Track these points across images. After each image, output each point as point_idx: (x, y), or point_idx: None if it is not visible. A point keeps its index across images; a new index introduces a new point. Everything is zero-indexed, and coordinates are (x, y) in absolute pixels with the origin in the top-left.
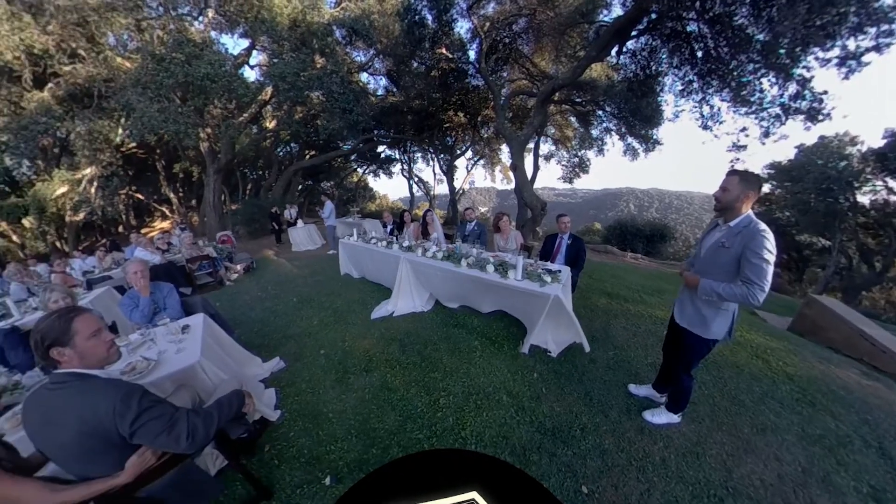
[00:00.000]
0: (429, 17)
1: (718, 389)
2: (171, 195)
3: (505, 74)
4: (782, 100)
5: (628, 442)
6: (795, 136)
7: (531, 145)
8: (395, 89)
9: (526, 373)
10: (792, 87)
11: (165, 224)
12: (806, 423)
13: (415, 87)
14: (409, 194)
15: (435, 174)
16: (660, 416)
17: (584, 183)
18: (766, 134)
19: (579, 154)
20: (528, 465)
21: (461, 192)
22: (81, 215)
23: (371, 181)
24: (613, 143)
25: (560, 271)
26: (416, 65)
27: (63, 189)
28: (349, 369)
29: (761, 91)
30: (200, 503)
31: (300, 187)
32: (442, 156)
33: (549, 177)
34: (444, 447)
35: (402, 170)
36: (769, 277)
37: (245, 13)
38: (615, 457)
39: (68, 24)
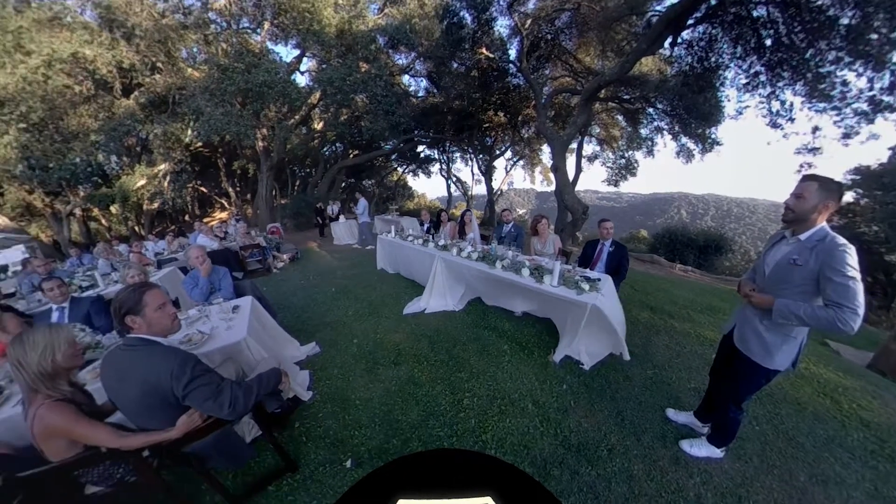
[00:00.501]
0: (467, 17)
1: (773, 427)
2: (230, 189)
3: (547, 72)
4: (871, 93)
5: (660, 471)
6: (888, 135)
7: (574, 146)
8: (435, 90)
9: (555, 383)
10: (885, 79)
11: (224, 215)
12: (881, 480)
13: (455, 87)
14: (446, 194)
15: (473, 174)
16: (699, 448)
17: (630, 186)
18: (849, 134)
19: (626, 155)
20: (547, 479)
21: (499, 193)
22: (156, 204)
23: (410, 180)
24: (665, 144)
25: (599, 279)
26: (455, 65)
27: (142, 182)
28: (379, 360)
29: (844, 84)
30: (235, 465)
31: (343, 185)
32: (481, 156)
33: (592, 179)
34: (464, 448)
35: (441, 170)
36: (861, 298)
37: (297, 24)
38: (644, 485)
39: (151, 43)
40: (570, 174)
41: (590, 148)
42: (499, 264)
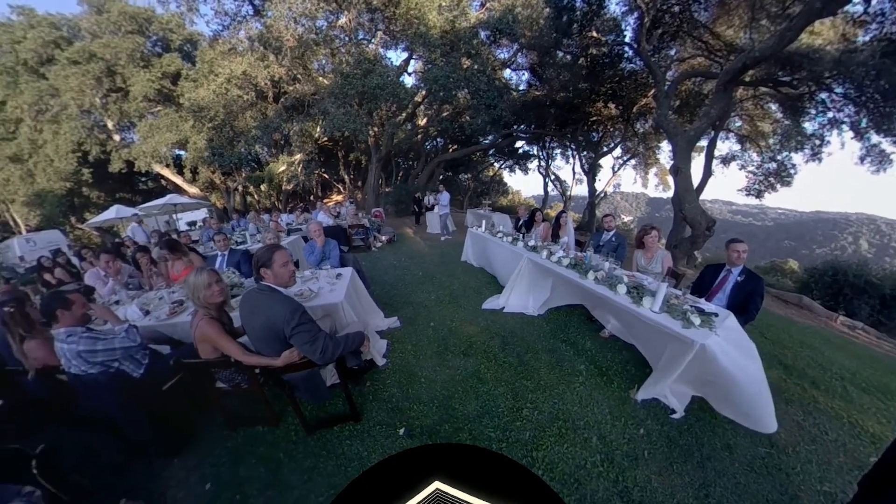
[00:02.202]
0: None
1: None
2: (345, 176)
3: (672, 52)
4: None
5: None
6: None
7: (703, 143)
8: (537, 83)
9: (631, 423)
10: None
11: (339, 197)
12: None
13: (559, 78)
14: (543, 192)
15: (574, 173)
16: None
17: (780, 199)
18: None
19: (778, 158)
20: None
21: (602, 195)
22: (291, 185)
23: (506, 176)
24: (843, 144)
25: (717, 315)
26: (561, 55)
27: (283, 168)
28: (450, 347)
29: None
30: (314, 400)
31: (441, 177)
32: (585, 153)
33: (724, 187)
34: (515, 459)
35: (539, 166)
36: None
37: (406, 30)
38: None
39: (293, 59)
40: (695, 179)
41: (725, 146)
42: (591, 275)
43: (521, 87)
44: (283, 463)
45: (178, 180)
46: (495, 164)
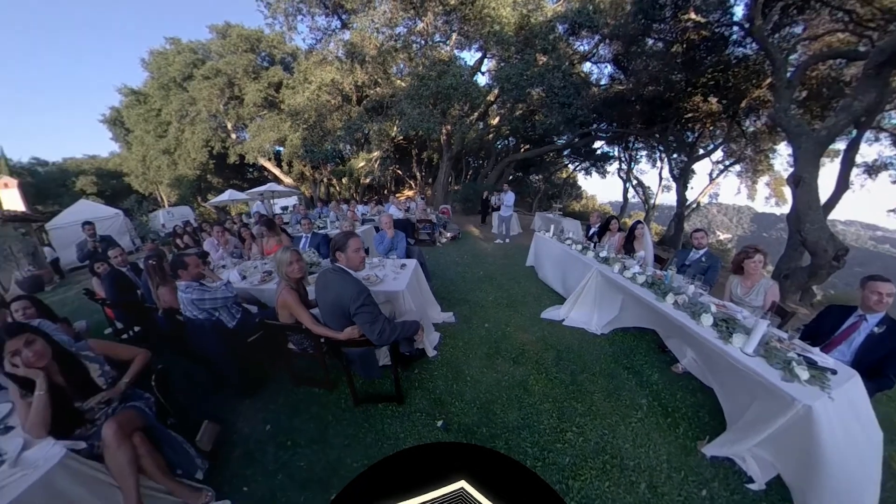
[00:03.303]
0: None
1: None
2: (417, 173)
3: (797, 30)
4: None
5: None
6: None
7: (839, 146)
8: (621, 76)
9: (693, 480)
10: None
11: (410, 193)
12: None
13: (647, 70)
14: (622, 199)
15: (661, 178)
16: None
17: None
18: None
19: None
20: None
21: (694, 206)
22: (368, 180)
23: (581, 179)
24: None
25: (835, 372)
26: (650, 43)
27: (362, 164)
28: (501, 351)
29: None
30: (366, 376)
31: (511, 178)
32: (675, 156)
33: (867, 205)
34: (539, 474)
35: (620, 170)
36: None
37: (479, 30)
38: None
39: (375, 65)
40: (824, 193)
41: (872, 150)
42: (670, 299)
43: (603, 82)
44: (330, 424)
45: (276, 171)
46: (570, 165)
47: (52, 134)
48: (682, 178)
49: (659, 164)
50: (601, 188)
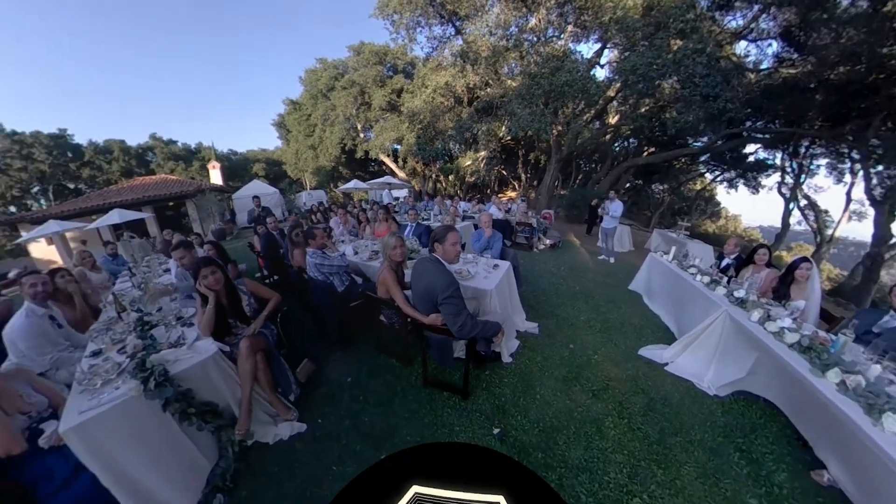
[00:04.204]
0: None
1: None
2: (522, 175)
3: None
4: None
5: None
6: None
7: None
8: (793, 55)
9: None
10: None
11: (512, 194)
12: None
13: (838, 42)
14: (779, 223)
15: (849, 200)
16: None
17: None
18: None
19: None
20: None
21: None
22: (472, 178)
23: (721, 193)
24: None
25: None
26: (845, 3)
27: (468, 162)
28: (581, 380)
29: None
30: (439, 363)
31: (627, 185)
32: (881, 168)
33: None
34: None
35: (781, 184)
36: None
37: (598, 18)
38: None
39: (487, 67)
40: None
41: None
42: (834, 376)
43: (764, 65)
44: (397, 395)
45: (393, 166)
46: (707, 174)
47: (242, 132)
48: (887, 202)
49: (849, 178)
50: (749, 207)
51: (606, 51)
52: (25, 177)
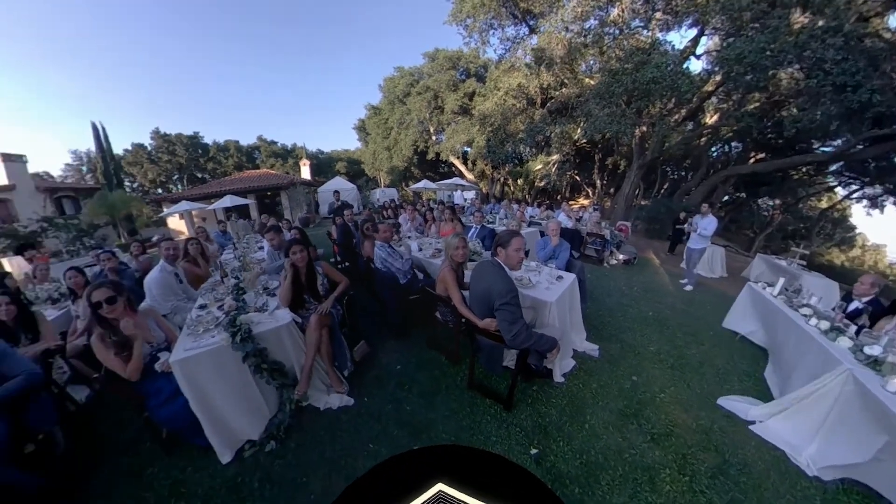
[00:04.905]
0: None
1: None
2: (598, 181)
3: None
4: None
5: None
6: None
7: None
8: None
9: None
10: None
11: (585, 202)
12: None
13: None
14: None
15: None
16: None
17: None
18: None
19: None
20: None
21: None
22: (542, 183)
23: (858, 214)
24: None
25: None
26: None
27: (539, 166)
28: (640, 418)
29: None
30: (487, 368)
31: (725, 198)
32: None
33: None
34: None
35: None
36: None
37: (694, 0)
38: None
39: (562, 66)
40: None
41: None
42: None
43: None
44: (441, 391)
45: (462, 168)
46: (839, 188)
47: (328, 134)
48: None
49: None
50: None
51: (704, 38)
52: (169, 167)
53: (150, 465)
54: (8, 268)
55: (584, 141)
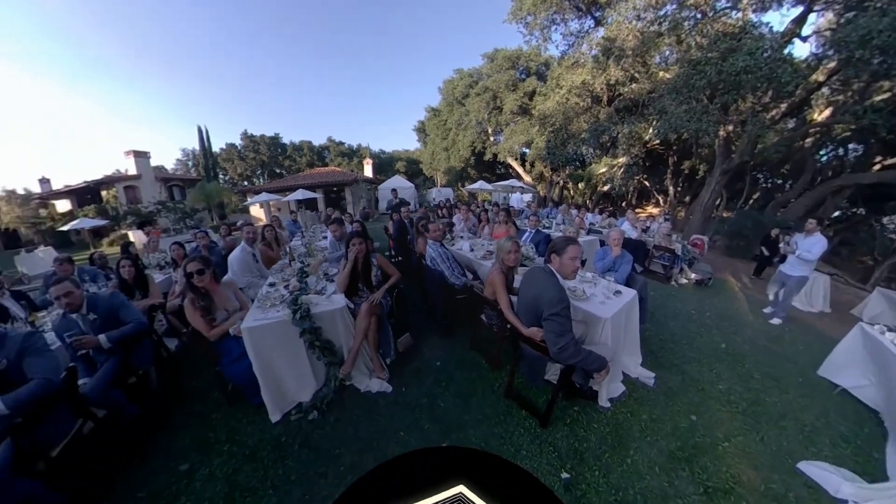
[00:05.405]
0: None
1: None
2: (671, 187)
3: None
4: None
5: None
6: None
7: None
8: None
9: None
10: None
11: (654, 210)
12: None
13: None
14: None
15: None
16: None
17: None
18: None
19: None
20: None
21: None
22: (606, 187)
23: None
24: None
25: None
26: None
27: (603, 169)
28: (694, 465)
29: None
30: (528, 378)
31: (836, 214)
32: None
33: None
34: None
35: None
36: None
37: None
38: None
39: (633, 59)
40: None
41: None
42: None
43: None
44: (476, 394)
45: (520, 170)
46: None
47: (389, 135)
48: None
49: None
50: None
51: (812, 16)
52: (254, 164)
53: (215, 411)
54: (132, 238)
55: (657, 142)
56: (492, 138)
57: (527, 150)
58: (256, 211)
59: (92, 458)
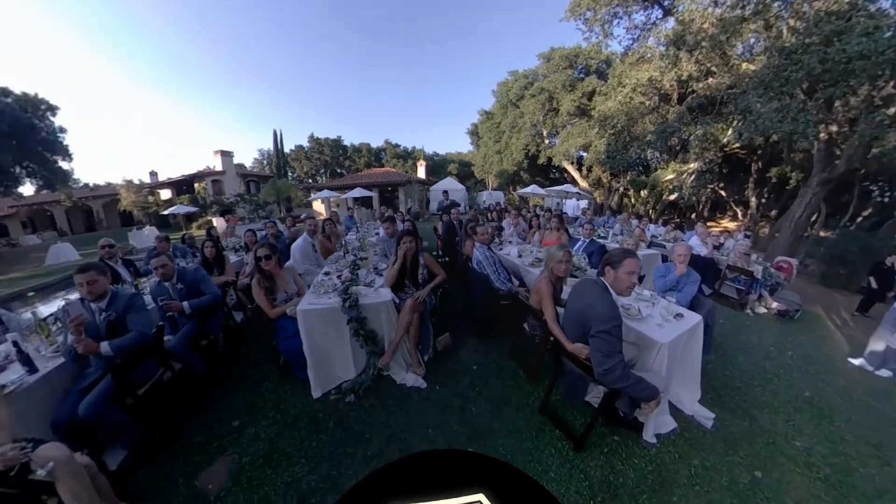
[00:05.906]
0: None
1: None
2: (752, 199)
3: None
4: None
5: None
6: None
7: None
8: None
9: None
10: None
11: (731, 225)
12: None
13: None
14: None
15: None
16: None
17: None
18: None
19: None
20: None
21: None
22: (673, 196)
23: None
24: None
25: None
26: None
27: (670, 176)
28: None
29: None
30: (566, 397)
31: None
32: None
33: None
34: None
35: None
36: None
37: None
38: None
39: (709, 50)
40: None
41: None
42: None
43: None
44: (510, 405)
45: (575, 175)
46: None
47: (443, 137)
48: None
49: None
50: None
51: None
52: (318, 164)
53: (266, 379)
54: (215, 223)
55: (737, 145)
56: (546, 141)
57: (584, 154)
58: (318, 206)
59: (167, 402)
